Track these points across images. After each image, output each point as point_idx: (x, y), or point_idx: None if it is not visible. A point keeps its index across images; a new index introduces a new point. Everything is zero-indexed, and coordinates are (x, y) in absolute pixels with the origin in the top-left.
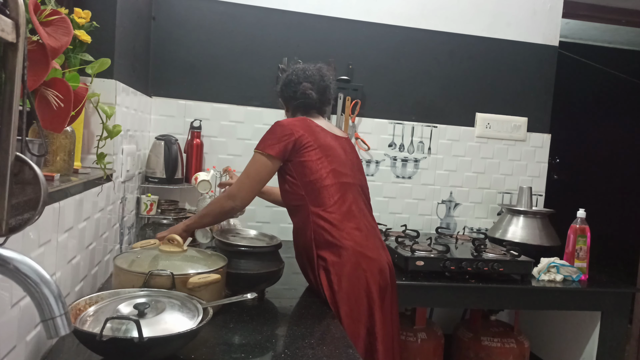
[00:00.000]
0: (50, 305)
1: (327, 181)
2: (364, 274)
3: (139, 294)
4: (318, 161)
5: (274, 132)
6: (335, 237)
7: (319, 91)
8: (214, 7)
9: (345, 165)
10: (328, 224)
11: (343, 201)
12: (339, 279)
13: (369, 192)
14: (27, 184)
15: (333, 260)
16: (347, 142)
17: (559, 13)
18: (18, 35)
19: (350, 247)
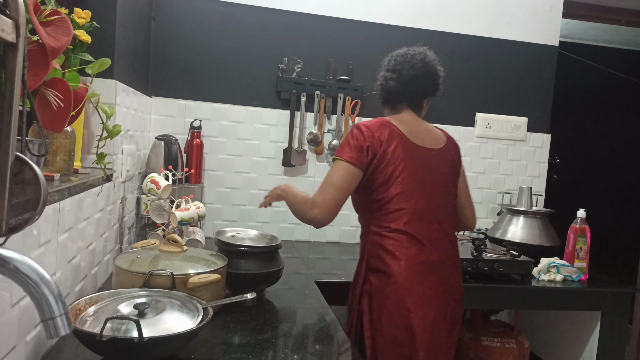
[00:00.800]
0: (50, 305)
1: (392, 205)
2: (408, 314)
3: (139, 294)
4: (388, 179)
5: (351, 136)
6: (387, 264)
7: (403, 81)
8: (214, 7)
9: (420, 186)
10: (383, 249)
11: (407, 228)
12: (379, 309)
13: (453, 215)
14: (27, 184)
15: (378, 287)
16: (438, 153)
17: (559, 13)
18: (18, 35)
19: (399, 280)
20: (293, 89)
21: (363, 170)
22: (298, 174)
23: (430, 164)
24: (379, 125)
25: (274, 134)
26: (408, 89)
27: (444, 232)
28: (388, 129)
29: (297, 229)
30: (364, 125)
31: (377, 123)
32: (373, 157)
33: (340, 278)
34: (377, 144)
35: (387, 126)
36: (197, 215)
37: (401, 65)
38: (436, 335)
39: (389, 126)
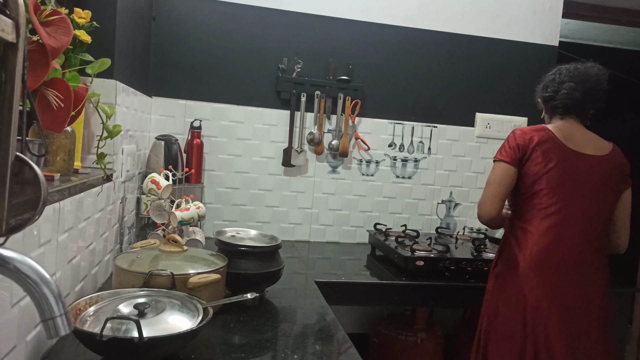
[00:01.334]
0: (50, 305)
1: (534, 200)
2: (523, 300)
3: (139, 294)
4: (534, 176)
5: (507, 140)
6: (514, 253)
7: (584, 92)
8: (214, 7)
9: (565, 187)
10: (514, 238)
11: (543, 223)
12: (499, 292)
13: (599, 223)
14: (27, 184)
15: (502, 271)
16: (593, 160)
17: (559, 13)
18: (18, 35)
19: (521, 269)
20: (293, 89)
21: (516, 166)
22: (298, 174)
23: (581, 168)
24: (534, 129)
25: (274, 134)
26: (589, 99)
27: (584, 236)
28: (542, 132)
29: (297, 229)
30: (519, 129)
31: (532, 127)
32: (523, 154)
33: (340, 278)
34: (528, 142)
35: (542, 130)
36: (197, 215)
37: (584, 77)
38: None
39: (544, 130)
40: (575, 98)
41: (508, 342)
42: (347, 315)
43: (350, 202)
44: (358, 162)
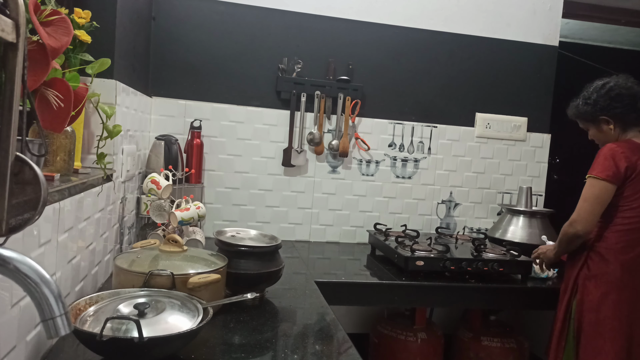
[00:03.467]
0: (51, 305)
1: (631, 213)
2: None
3: (139, 294)
4: (634, 194)
5: (606, 157)
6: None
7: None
8: (214, 7)
9: None
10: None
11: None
12: (591, 294)
13: None
14: (27, 184)
15: (594, 274)
16: None
17: (559, 13)
18: (18, 35)
19: (611, 276)
20: (293, 89)
21: (617, 185)
22: (298, 174)
23: None
24: (632, 148)
25: (274, 134)
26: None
27: None
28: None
29: (297, 229)
30: (619, 148)
31: (629, 146)
32: (628, 175)
33: (340, 278)
34: (635, 165)
35: (634, 144)
36: (197, 215)
37: (637, 87)
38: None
39: (635, 144)
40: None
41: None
42: (347, 315)
43: (350, 202)
44: (358, 162)
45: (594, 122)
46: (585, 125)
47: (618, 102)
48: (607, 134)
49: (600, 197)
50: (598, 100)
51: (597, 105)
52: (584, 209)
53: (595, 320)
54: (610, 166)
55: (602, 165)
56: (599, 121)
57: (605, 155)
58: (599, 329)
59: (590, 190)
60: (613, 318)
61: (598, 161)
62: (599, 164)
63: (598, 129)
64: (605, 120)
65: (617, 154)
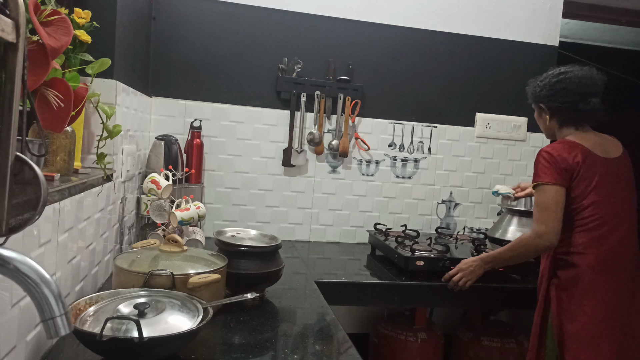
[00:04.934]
0: (51, 305)
1: (587, 213)
2: (591, 302)
3: (139, 294)
4: (583, 192)
5: (548, 162)
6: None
7: (602, 101)
8: (214, 7)
9: (612, 194)
10: (574, 247)
11: (598, 230)
12: (568, 298)
13: (636, 219)
14: (27, 184)
15: (566, 278)
16: (619, 161)
17: (559, 13)
18: (18, 35)
19: (586, 270)
20: (293, 89)
21: (566, 188)
22: (298, 174)
23: (616, 172)
24: (568, 147)
25: (274, 134)
26: (600, 106)
27: (633, 234)
28: (578, 149)
29: (297, 229)
30: (554, 150)
31: (564, 146)
32: (571, 176)
33: (340, 278)
34: (574, 164)
35: (576, 146)
36: (197, 215)
37: (599, 86)
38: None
39: (577, 146)
40: (599, 110)
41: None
42: (347, 315)
43: (350, 202)
44: (358, 162)
45: (535, 105)
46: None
47: (561, 96)
48: (543, 121)
49: (559, 202)
50: (544, 86)
51: (542, 91)
52: (550, 218)
53: (573, 331)
54: (553, 170)
55: (546, 171)
56: (539, 107)
57: (544, 161)
58: (579, 340)
59: (546, 198)
60: (592, 325)
61: (540, 168)
62: (542, 171)
63: (538, 113)
64: (542, 109)
65: (554, 157)
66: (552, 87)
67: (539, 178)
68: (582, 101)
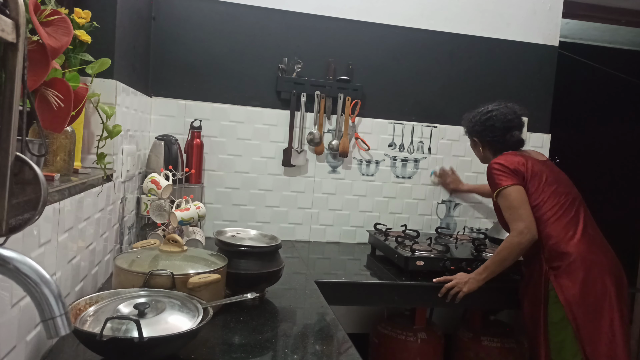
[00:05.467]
0: (50, 305)
1: (548, 205)
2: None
3: (139, 294)
4: (537, 188)
5: (500, 170)
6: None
7: (520, 132)
8: (214, 7)
9: (565, 190)
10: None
11: (565, 216)
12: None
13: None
14: (27, 184)
15: (560, 265)
16: (550, 162)
17: (559, 13)
18: (18, 35)
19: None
20: (293, 89)
21: (523, 186)
22: (298, 174)
23: (553, 168)
24: (512, 156)
25: (274, 134)
26: (520, 137)
27: (587, 214)
28: (520, 156)
29: (297, 229)
30: (501, 161)
31: (509, 157)
32: (523, 176)
33: (340, 278)
34: (520, 165)
35: (517, 154)
36: (197, 215)
37: (519, 121)
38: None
39: (517, 154)
40: (520, 140)
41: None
42: (347, 315)
43: (350, 202)
44: (358, 162)
45: (470, 137)
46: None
47: (490, 131)
48: (478, 150)
49: (524, 200)
50: (476, 123)
51: (475, 127)
52: (524, 215)
53: (586, 308)
54: (507, 174)
55: (501, 177)
56: (473, 140)
57: (497, 171)
58: (597, 311)
59: (512, 198)
60: (603, 294)
61: (495, 176)
62: (498, 178)
63: (473, 144)
64: (476, 142)
65: (503, 164)
66: (483, 124)
67: (498, 185)
68: (508, 134)
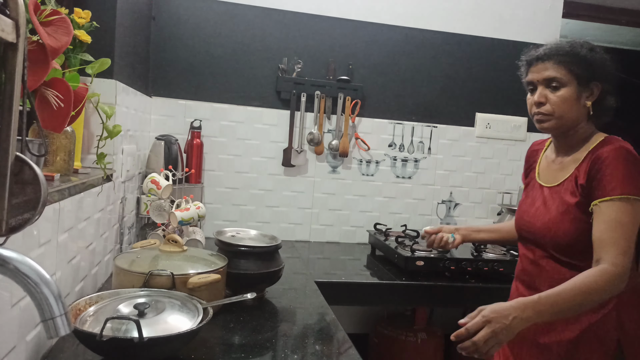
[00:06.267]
0: (50, 305)
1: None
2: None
3: (139, 294)
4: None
5: (635, 167)
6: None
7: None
8: (214, 7)
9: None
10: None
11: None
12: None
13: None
14: (27, 184)
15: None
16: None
17: (559, 13)
18: (18, 35)
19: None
20: (293, 89)
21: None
22: (298, 174)
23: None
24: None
25: (274, 134)
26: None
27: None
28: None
29: (297, 229)
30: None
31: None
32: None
33: (340, 278)
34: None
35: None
36: (197, 215)
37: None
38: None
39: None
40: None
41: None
42: (347, 315)
43: (350, 202)
44: (358, 162)
45: (579, 81)
46: (555, 74)
47: (613, 78)
48: (578, 107)
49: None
50: (605, 61)
51: (606, 66)
52: (632, 247)
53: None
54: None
55: (637, 178)
56: (589, 86)
57: (631, 164)
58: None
59: (633, 217)
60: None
61: (630, 172)
62: (635, 178)
63: (577, 93)
64: (592, 90)
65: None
66: (609, 66)
67: (627, 185)
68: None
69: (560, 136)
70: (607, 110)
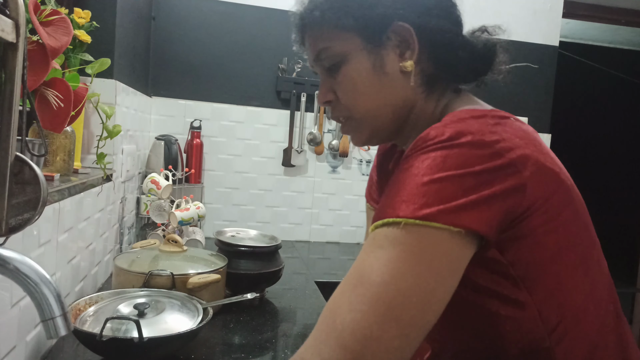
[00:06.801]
0: (50, 305)
1: None
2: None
3: (139, 294)
4: None
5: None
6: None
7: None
8: (214, 7)
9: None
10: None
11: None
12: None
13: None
14: (27, 184)
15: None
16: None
17: (559, 13)
18: (18, 35)
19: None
20: (293, 89)
21: None
22: (298, 174)
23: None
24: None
25: (274, 134)
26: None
27: None
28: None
29: (297, 229)
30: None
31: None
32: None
33: (340, 278)
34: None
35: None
36: (197, 215)
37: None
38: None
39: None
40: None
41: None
42: None
43: (350, 202)
44: (358, 162)
45: (369, 40)
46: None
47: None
48: (383, 81)
49: None
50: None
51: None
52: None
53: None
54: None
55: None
56: (384, 43)
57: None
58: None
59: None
60: None
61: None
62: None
63: (372, 61)
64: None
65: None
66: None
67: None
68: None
69: (396, 141)
70: (449, 65)
